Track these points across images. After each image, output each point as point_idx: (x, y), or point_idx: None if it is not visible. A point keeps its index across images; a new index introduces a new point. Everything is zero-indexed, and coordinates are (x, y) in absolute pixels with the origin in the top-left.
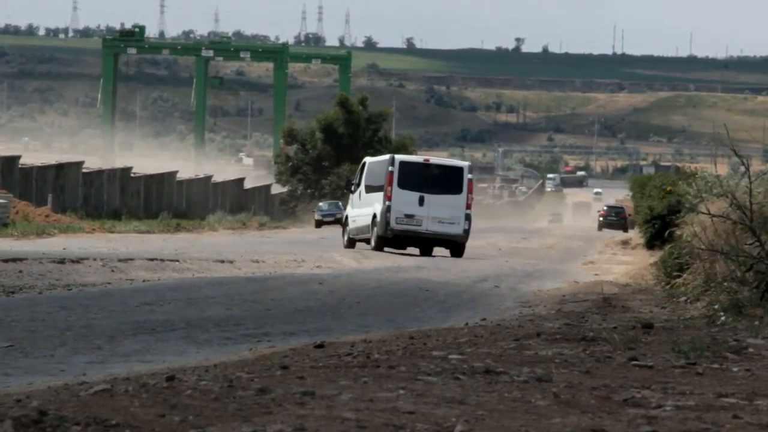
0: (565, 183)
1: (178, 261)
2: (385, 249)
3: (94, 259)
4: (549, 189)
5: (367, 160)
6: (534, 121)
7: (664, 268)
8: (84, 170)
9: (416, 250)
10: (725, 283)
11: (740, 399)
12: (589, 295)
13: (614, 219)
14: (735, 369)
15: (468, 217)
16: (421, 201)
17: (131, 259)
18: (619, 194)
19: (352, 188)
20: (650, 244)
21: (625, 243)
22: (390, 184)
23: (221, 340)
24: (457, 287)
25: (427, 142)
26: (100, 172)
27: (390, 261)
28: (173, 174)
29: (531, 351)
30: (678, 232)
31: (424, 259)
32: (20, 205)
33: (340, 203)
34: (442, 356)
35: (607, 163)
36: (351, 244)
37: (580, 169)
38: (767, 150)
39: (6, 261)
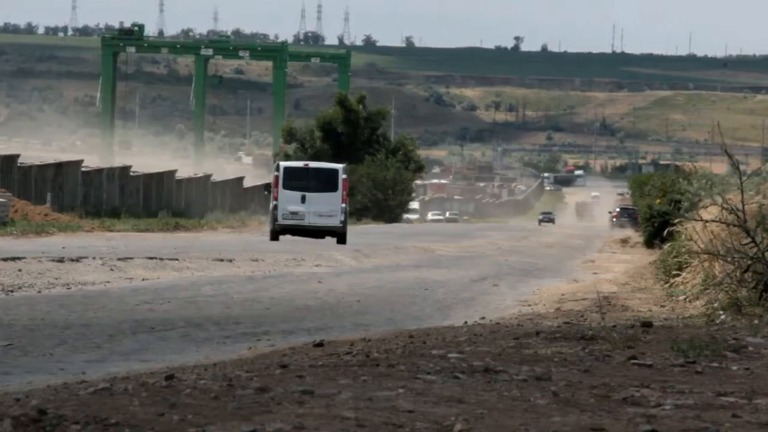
0: (557, 182)
1: (177, 260)
2: (281, 238)
3: (94, 258)
4: (548, 188)
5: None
6: (533, 120)
7: (663, 267)
8: (83, 169)
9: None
10: (724, 283)
11: (739, 398)
12: (589, 293)
13: (626, 220)
14: (734, 368)
15: (344, 211)
16: (303, 199)
17: (130, 258)
18: (615, 194)
19: (270, 190)
20: (649, 243)
21: (624, 241)
22: (276, 186)
23: (220, 338)
24: (457, 286)
25: (426, 141)
26: (99, 171)
27: (389, 260)
28: (172, 173)
29: (530, 350)
30: (677, 230)
31: (424, 258)
32: (19, 203)
33: None
34: (441, 355)
35: (606, 161)
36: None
37: (580, 168)
38: (766, 148)
39: (5, 260)
